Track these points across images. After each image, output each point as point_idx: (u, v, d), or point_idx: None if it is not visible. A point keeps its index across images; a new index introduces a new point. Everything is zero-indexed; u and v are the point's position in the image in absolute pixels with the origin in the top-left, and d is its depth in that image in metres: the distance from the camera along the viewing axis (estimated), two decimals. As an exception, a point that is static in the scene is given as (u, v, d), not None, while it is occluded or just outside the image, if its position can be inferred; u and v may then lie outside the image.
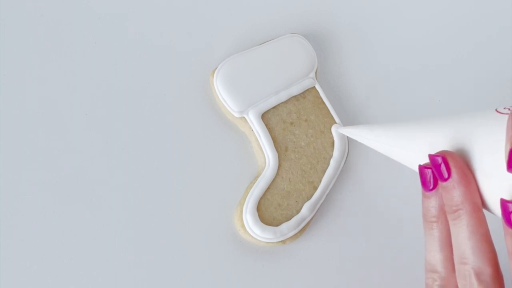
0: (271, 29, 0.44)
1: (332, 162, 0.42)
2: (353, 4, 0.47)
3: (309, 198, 0.41)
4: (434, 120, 0.32)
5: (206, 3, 0.44)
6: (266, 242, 0.40)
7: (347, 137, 0.43)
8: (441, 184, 0.30)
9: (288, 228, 0.40)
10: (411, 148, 0.32)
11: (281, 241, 0.40)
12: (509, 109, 0.29)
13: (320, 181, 0.42)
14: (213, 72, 0.42)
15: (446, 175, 0.29)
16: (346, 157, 0.43)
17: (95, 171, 0.40)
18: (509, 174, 0.27)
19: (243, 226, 0.40)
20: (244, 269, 0.40)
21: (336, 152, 0.42)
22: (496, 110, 0.29)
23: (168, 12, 0.43)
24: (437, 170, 0.29)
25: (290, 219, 0.40)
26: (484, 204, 0.29)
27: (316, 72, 0.44)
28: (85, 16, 0.42)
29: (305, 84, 0.43)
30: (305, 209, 0.41)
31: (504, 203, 0.27)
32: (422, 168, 0.31)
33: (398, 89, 0.46)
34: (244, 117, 0.41)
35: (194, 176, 0.41)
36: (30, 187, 0.39)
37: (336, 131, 0.42)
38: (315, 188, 0.41)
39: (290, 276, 0.41)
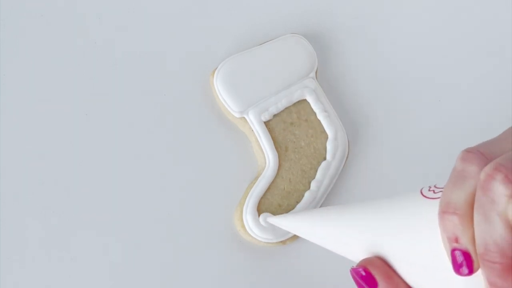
0: (271, 29, 0.44)
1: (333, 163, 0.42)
2: (353, 4, 0.46)
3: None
4: (363, 210, 0.31)
5: (206, 3, 0.44)
6: (266, 243, 0.40)
7: (347, 137, 0.43)
8: None
9: (288, 228, 0.40)
10: (343, 243, 0.32)
11: (281, 241, 0.40)
12: (433, 191, 0.28)
13: (320, 181, 0.42)
14: (213, 72, 0.42)
15: (373, 285, 0.30)
16: (346, 158, 0.43)
17: (95, 171, 0.40)
18: (445, 267, 0.27)
19: (243, 226, 0.40)
20: (244, 269, 0.40)
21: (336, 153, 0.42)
22: (421, 192, 0.29)
23: (168, 12, 0.43)
24: (364, 282, 0.30)
25: (290, 219, 0.40)
26: None
27: (316, 72, 0.43)
28: (85, 16, 0.42)
29: (305, 84, 0.43)
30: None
31: None
32: (354, 276, 0.31)
33: (399, 89, 0.46)
34: (244, 117, 0.41)
35: (194, 176, 0.41)
36: (30, 187, 0.39)
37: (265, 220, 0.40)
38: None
39: (290, 276, 0.41)
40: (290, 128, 0.42)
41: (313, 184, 0.41)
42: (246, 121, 0.41)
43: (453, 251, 0.26)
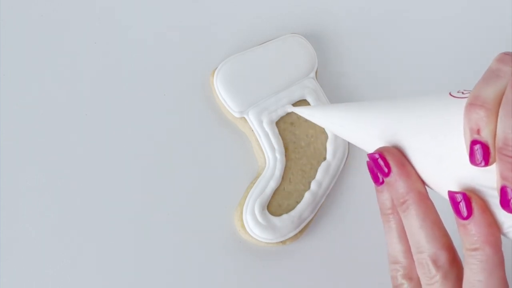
0: (271, 29, 0.44)
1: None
2: (353, 4, 0.46)
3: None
4: (388, 103, 0.31)
5: (206, 3, 0.44)
6: (266, 243, 0.40)
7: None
8: (385, 180, 0.30)
9: (288, 228, 0.40)
10: (363, 133, 0.31)
11: (281, 242, 0.40)
12: (462, 92, 0.29)
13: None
14: (213, 72, 0.42)
15: (386, 170, 0.30)
16: (346, 158, 0.43)
17: (95, 171, 0.40)
18: (461, 160, 0.27)
19: (243, 226, 0.40)
20: (244, 269, 0.40)
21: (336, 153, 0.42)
22: (450, 93, 0.29)
23: (168, 12, 0.43)
24: (377, 167, 0.30)
25: (290, 219, 0.40)
26: (436, 188, 0.29)
27: (316, 72, 0.44)
28: (85, 16, 0.42)
29: (305, 84, 0.43)
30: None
31: (452, 195, 0.27)
32: (369, 164, 0.31)
33: (398, 89, 0.46)
34: (244, 117, 0.41)
35: (194, 176, 0.41)
36: (30, 188, 0.39)
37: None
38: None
39: (290, 276, 0.41)
40: (290, 128, 0.42)
41: (313, 184, 0.41)
42: (246, 121, 0.41)
43: (473, 142, 0.26)
